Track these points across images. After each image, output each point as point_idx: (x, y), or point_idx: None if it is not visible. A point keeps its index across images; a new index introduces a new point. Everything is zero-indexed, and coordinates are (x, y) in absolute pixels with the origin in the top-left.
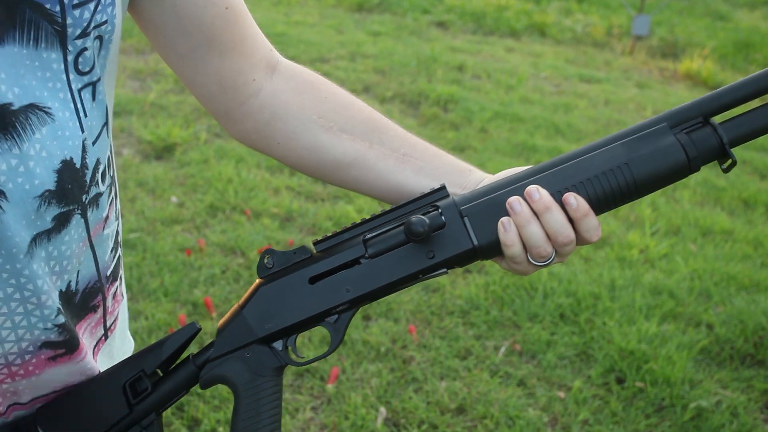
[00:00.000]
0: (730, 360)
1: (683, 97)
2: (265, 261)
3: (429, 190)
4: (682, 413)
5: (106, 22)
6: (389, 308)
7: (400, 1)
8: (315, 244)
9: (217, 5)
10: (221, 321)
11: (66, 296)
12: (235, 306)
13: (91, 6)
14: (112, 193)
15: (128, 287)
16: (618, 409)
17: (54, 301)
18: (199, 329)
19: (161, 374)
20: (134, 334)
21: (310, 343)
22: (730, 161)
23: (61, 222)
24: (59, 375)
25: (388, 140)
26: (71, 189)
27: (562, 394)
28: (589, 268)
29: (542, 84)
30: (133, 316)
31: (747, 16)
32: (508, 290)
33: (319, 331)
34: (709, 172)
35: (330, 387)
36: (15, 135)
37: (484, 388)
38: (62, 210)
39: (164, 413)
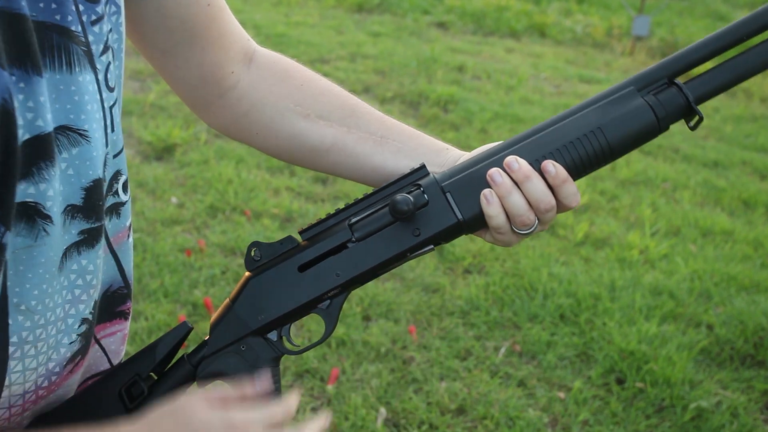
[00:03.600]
0: (730, 360)
1: None
2: (252, 254)
3: (409, 171)
4: (682, 414)
5: (111, 30)
6: (389, 309)
7: (400, 1)
8: (301, 233)
9: (199, 3)
10: (213, 317)
11: (94, 304)
12: (226, 301)
13: (105, 19)
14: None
15: None
16: (618, 409)
17: (79, 311)
18: (191, 329)
19: (156, 377)
20: (134, 335)
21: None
22: (696, 118)
23: (93, 236)
24: (74, 382)
25: (365, 124)
26: (101, 205)
27: (562, 395)
28: (589, 269)
29: (542, 85)
30: (133, 316)
31: None
32: (508, 291)
33: (313, 319)
34: (709, 173)
35: (330, 388)
36: (57, 161)
37: (484, 389)
38: (92, 225)
39: None
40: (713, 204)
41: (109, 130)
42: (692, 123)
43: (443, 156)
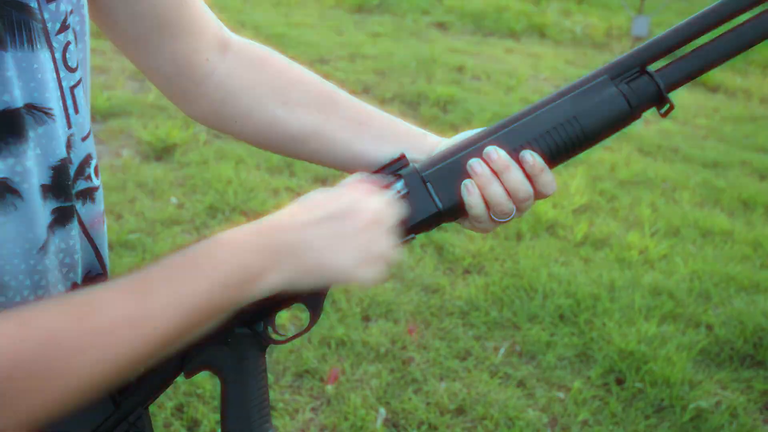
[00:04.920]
0: (729, 361)
1: (682, 97)
2: None
3: (389, 161)
4: (681, 414)
5: (72, 12)
6: (389, 309)
7: (400, 2)
8: None
9: None
10: None
11: (74, 287)
12: None
13: None
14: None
15: None
16: (617, 409)
17: (58, 291)
18: None
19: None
20: None
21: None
22: (668, 105)
23: (64, 215)
24: None
25: (343, 111)
26: (69, 185)
27: (561, 395)
28: (589, 269)
29: (542, 85)
30: None
31: (746, 17)
32: (507, 291)
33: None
34: (709, 173)
35: (329, 388)
36: (27, 138)
37: (484, 389)
38: (62, 204)
39: (164, 415)
40: (713, 204)
41: (71, 111)
42: (663, 110)
43: (422, 141)
